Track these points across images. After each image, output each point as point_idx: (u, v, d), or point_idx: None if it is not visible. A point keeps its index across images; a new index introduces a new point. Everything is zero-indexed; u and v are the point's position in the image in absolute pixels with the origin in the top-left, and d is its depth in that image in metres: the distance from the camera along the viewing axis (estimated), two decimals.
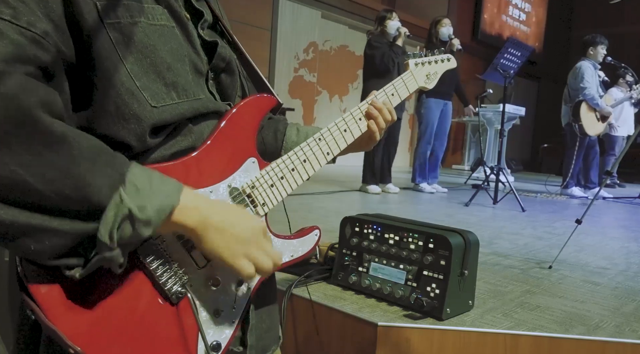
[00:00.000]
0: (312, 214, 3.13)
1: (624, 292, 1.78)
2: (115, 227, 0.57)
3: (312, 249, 0.87)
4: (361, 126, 0.94)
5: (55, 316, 0.60)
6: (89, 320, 0.62)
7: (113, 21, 0.65)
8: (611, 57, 5.40)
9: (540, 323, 1.39)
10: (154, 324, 0.68)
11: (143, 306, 0.67)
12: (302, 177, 0.85)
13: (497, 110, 6.96)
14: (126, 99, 0.66)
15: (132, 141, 0.68)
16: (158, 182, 0.62)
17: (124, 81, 0.66)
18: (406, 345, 1.28)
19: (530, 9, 11.94)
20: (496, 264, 2.09)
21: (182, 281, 0.70)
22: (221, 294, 0.75)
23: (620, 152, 5.67)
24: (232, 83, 0.85)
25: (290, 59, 7.23)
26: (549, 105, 11.75)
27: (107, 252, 0.58)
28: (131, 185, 0.59)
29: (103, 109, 0.66)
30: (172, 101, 0.71)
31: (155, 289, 0.68)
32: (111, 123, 0.66)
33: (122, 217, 0.57)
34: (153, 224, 0.60)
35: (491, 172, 4.47)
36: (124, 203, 0.57)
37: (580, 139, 5.29)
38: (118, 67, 0.66)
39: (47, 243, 0.56)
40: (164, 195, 0.61)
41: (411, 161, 9.56)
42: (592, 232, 3.10)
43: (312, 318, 1.44)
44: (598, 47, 5.30)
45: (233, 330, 0.76)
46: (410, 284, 1.39)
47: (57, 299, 0.60)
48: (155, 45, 0.70)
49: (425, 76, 1.07)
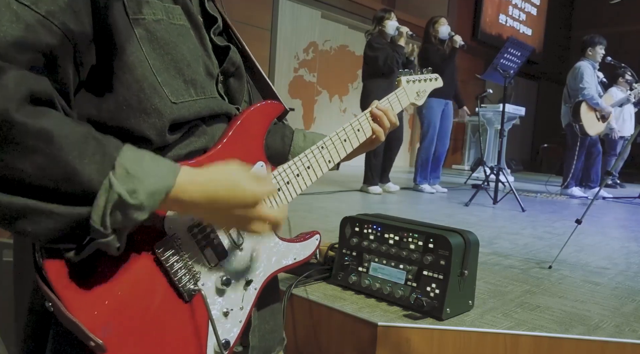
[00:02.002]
0: (312, 214, 3.12)
1: (624, 292, 1.78)
2: (107, 214, 0.57)
3: (313, 253, 0.91)
4: (359, 136, 1.00)
5: (76, 308, 0.60)
6: (107, 313, 0.63)
7: (138, 17, 0.67)
8: (611, 57, 5.40)
9: (540, 323, 1.39)
10: (168, 319, 0.69)
11: (158, 301, 0.68)
12: (306, 182, 0.89)
13: (497, 110, 6.96)
14: (149, 93, 0.67)
15: (152, 135, 0.69)
16: (150, 164, 0.60)
17: (147, 76, 0.67)
18: (406, 345, 1.28)
19: (530, 9, 11.94)
20: (496, 264, 2.09)
21: (196, 278, 0.71)
22: (231, 293, 0.77)
23: (621, 152, 5.69)
24: (239, 87, 0.88)
25: (290, 59, 7.23)
26: (549, 105, 11.75)
27: (101, 238, 0.58)
28: (121, 169, 0.58)
29: (126, 103, 0.67)
30: (190, 98, 0.73)
31: (170, 285, 0.69)
32: (132, 117, 0.67)
33: (113, 203, 0.57)
34: (147, 208, 0.59)
35: (491, 172, 4.47)
36: (114, 188, 0.57)
37: (581, 139, 5.29)
38: (142, 62, 0.67)
39: (43, 225, 0.56)
40: (158, 177, 0.60)
41: (411, 161, 9.59)
42: (592, 232, 3.10)
43: (312, 318, 1.44)
44: (597, 48, 5.30)
45: (240, 329, 0.78)
46: (410, 284, 1.39)
47: (77, 292, 0.61)
48: (176, 42, 0.72)
49: (415, 93, 1.14)
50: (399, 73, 1.12)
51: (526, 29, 11.85)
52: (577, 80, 5.25)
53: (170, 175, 0.61)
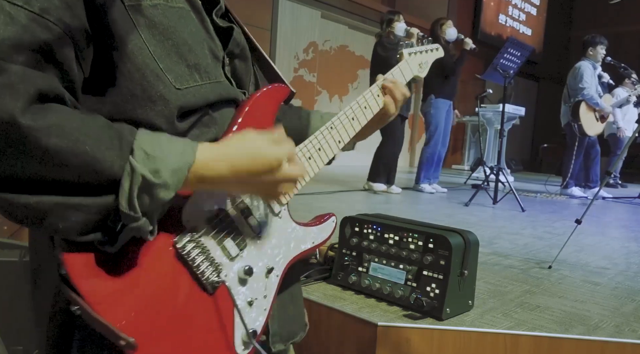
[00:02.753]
0: (312, 214, 3.11)
1: (624, 292, 1.78)
2: (134, 197, 0.57)
3: (331, 235, 0.92)
4: (367, 113, 0.98)
5: (103, 309, 0.60)
6: (134, 311, 0.63)
7: (134, 3, 0.65)
8: (611, 57, 5.40)
9: (540, 323, 1.39)
10: (194, 313, 0.69)
11: (182, 296, 0.68)
12: (319, 165, 0.89)
13: (497, 110, 6.96)
14: (152, 80, 0.66)
15: (162, 123, 0.68)
16: (168, 144, 0.61)
17: (148, 63, 0.66)
18: (406, 345, 1.28)
19: (530, 9, 11.93)
20: (496, 264, 2.09)
21: (218, 270, 0.71)
22: (253, 282, 0.76)
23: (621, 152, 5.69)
24: (246, 70, 0.87)
25: (290, 59, 7.23)
26: (549, 105, 11.74)
27: (133, 222, 0.59)
28: (140, 151, 0.58)
29: (130, 93, 0.65)
30: (195, 83, 0.71)
31: (193, 278, 0.69)
32: (138, 106, 0.66)
33: (138, 185, 0.57)
34: (172, 186, 0.60)
35: (491, 172, 4.47)
36: (136, 171, 0.57)
37: (580, 138, 5.28)
38: (142, 49, 0.65)
39: (73, 219, 0.56)
40: (178, 154, 0.61)
41: (411, 161, 9.58)
42: (592, 232, 3.10)
43: (312, 318, 1.44)
44: (597, 48, 5.30)
45: (265, 317, 0.78)
46: (410, 284, 1.39)
47: (102, 293, 0.61)
48: (176, 26, 0.70)
49: (418, 65, 1.11)
50: (400, 46, 1.09)
51: (526, 29, 11.85)
52: (577, 80, 5.25)
53: (189, 151, 0.62)
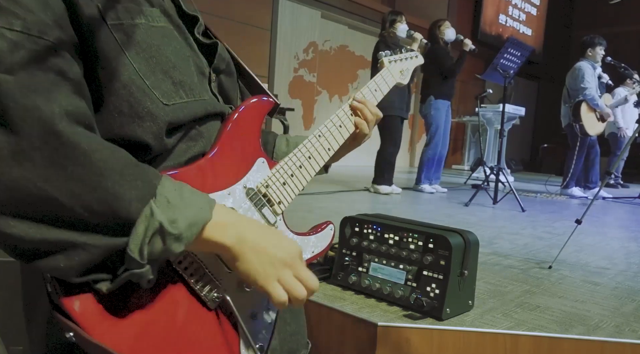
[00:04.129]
0: (312, 214, 3.12)
1: (624, 292, 1.78)
2: (145, 243, 0.56)
3: (330, 244, 0.89)
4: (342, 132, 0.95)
5: (101, 333, 0.57)
6: (134, 333, 0.60)
7: (115, 22, 0.65)
8: (611, 57, 5.39)
9: (540, 323, 1.39)
10: (195, 331, 0.66)
11: (182, 314, 0.65)
12: (310, 173, 0.87)
13: (497, 110, 6.96)
14: (139, 97, 0.65)
15: (149, 140, 0.66)
16: (189, 195, 0.60)
17: (134, 79, 0.65)
18: (406, 345, 1.28)
19: (530, 9, 11.93)
20: (496, 264, 2.09)
21: (217, 285, 0.69)
22: (255, 295, 0.74)
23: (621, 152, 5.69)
24: (232, 85, 0.86)
25: (290, 59, 7.23)
26: (549, 105, 11.74)
27: (137, 268, 0.57)
28: (162, 198, 0.57)
29: (117, 110, 0.64)
30: (181, 100, 0.70)
31: (191, 295, 0.67)
32: (126, 123, 0.64)
33: (152, 232, 0.56)
34: (185, 239, 0.58)
35: (491, 172, 4.46)
36: (155, 217, 0.56)
37: (581, 139, 5.28)
38: (127, 66, 0.64)
39: (77, 259, 0.54)
40: (197, 208, 0.59)
41: (411, 161, 9.58)
42: (592, 232, 3.10)
43: (312, 318, 1.44)
44: (597, 48, 5.30)
45: (271, 332, 0.75)
46: (410, 284, 1.39)
47: (97, 316, 0.58)
48: (159, 45, 0.69)
49: (399, 73, 1.10)
50: (378, 55, 1.09)
51: (526, 29, 11.84)
52: (577, 80, 5.25)
53: (207, 208, 0.61)
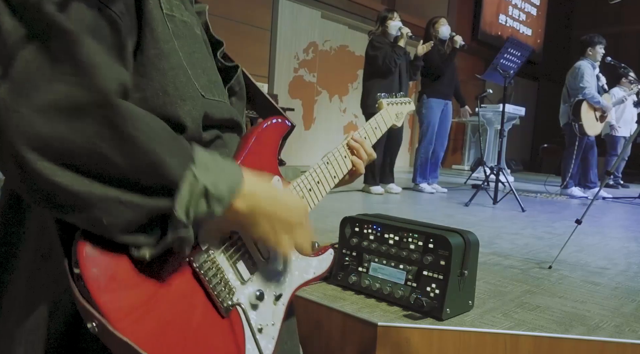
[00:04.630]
0: (312, 214, 3.11)
1: (624, 292, 1.78)
2: (191, 204, 0.58)
3: (330, 268, 0.92)
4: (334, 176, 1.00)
5: (124, 328, 0.57)
6: (153, 330, 0.61)
7: (169, 13, 0.69)
8: (611, 57, 5.39)
9: (540, 323, 1.39)
10: (208, 336, 0.68)
11: (198, 316, 0.67)
12: (317, 197, 0.92)
13: (497, 110, 6.96)
14: (184, 81, 0.69)
15: (188, 122, 0.69)
16: (222, 163, 0.64)
17: (181, 65, 0.69)
18: (406, 345, 1.28)
19: (530, 9, 11.93)
20: (496, 264, 2.09)
21: (232, 292, 0.70)
22: (263, 308, 0.75)
23: (621, 152, 5.69)
24: (240, 108, 0.90)
25: (290, 59, 7.22)
26: (549, 105, 11.72)
27: (183, 229, 0.59)
28: (201, 164, 0.60)
29: (162, 90, 0.67)
30: (213, 97, 0.74)
31: (208, 299, 0.68)
32: (169, 103, 0.67)
33: (198, 194, 0.59)
34: (225, 201, 0.62)
35: (491, 172, 4.46)
36: (199, 180, 0.59)
37: (579, 138, 5.28)
38: (176, 51, 0.68)
39: (121, 216, 0.55)
40: (232, 173, 0.64)
41: (411, 161, 9.58)
42: (592, 232, 3.10)
43: (312, 318, 1.44)
44: (597, 47, 5.29)
45: (274, 346, 0.76)
46: (410, 284, 1.39)
47: (123, 312, 0.58)
48: (196, 45, 0.74)
49: (395, 115, 1.18)
50: (378, 96, 1.16)
51: (526, 29, 11.84)
52: (577, 80, 5.25)
53: (239, 175, 0.65)
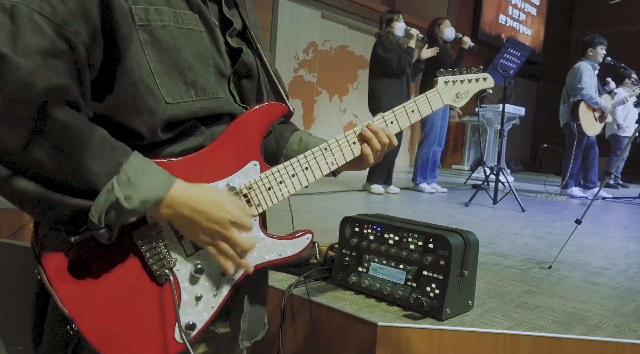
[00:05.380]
0: (312, 214, 3.12)
1: (624, 292, 1.78)
2: (103, 212, 0.67)
3: (301, 252, 0.90)
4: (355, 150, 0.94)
5: (56, 282, 0.72)
6: (82, 289, 0.73)
7: (144, 24, 0.74)
8: (611, 57, 5.39)
9: (540, 323, 1.39)
10: (140, 298, 0.77)
11: (132, 283, 0.76)
12: (302, 183, 0.89)
13: (496, 110, 6.96)
14: (143, 94, 0.74)
15: (144, 131, 0.75)
16: (151, 175, 0.70)
17: (144, 78, 0.74)
18: (406, 345, 1.28)
19: (530, 9, 11.93)
20: (496, 264, 2.09)
21: (170, 265, 0.78)
22: (204, 281, 0.81)
23: (621, 152, 5.69)
24: (251, 88, 0.92)
25: (290, 59, 7.23)
26: (549, 105, 11.73)
27: (95, 230, 0.68)
28: (124, 175, 0.68)
29: (123, 102, 0.73)
30: (189, 99, 0.78)
31: (144, 269, 0.77)
32: (127, 114, 0.74)
33: (110, 204, 0.67)
34: (138, 212, 0.70)
35: (491, 172, 4.47)
36: (114, 191, 0.67)
37: (579, 138, 5.28)
38: (141, 65, 0.73)
39: (49, 213, 0.67)
40: (153, 187, 0.70)
41: (411, 161, 9.58)
42: (592, 232, 3.10)
43: (312, 318, 1.44)
44: (597, 48, 5.29)
45: (211, 315, 0.82)
46: (410, 284, 1.39)
47: (60, 269, 0.72)
48: (180, 46, 0.77)
49: (454, 95, 1.04)
50: (438, 73, 1.02)
51: (526, 29, 11.84)
52: (575, 80, 5.25)
53: (164, 188, 0.71)
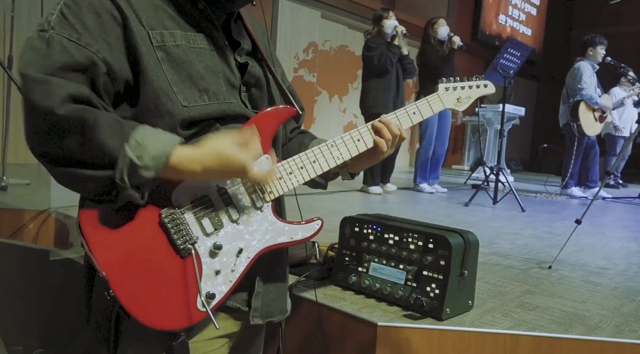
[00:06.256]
0: (312, 214, 3.11)
1: (624, 292, 1.78)
2: (124, 173, 0.80)
3: (312, 236, 1.02)
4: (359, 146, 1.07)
5: (95, 250, 0.86)
6: (117, 257, 0.86)
7: (160, 44, 0.90)
8: (611, 57, 5.39)
9: (540, 323, 1.39)
10: (166, 269, 0.89)
11: (159, 255, 0.89)
12: (310, 174, 1.03)
13: (496, 110, 6.96)
14: (163, 100, 0.89)
15: (166, 130, 0.88)
16: (157, 135, 0.83)
17: (162, 87, 0.89)
18: (406, 345, 1.28)
19: (529, 9, 11.94)
20: (496, 264, 2.09)
21: (192, 241, 0.90)
22: (223, 257, 0.93)
23: (621, 152, 5.69)
24: (261, 96, 1.07)
25: (290, 59, 7.23)
26: (549, 105, 11.72)
27: (124, 190, 0.81)
28: (133, 141, 0.81)
29: (146, 107, 0.89)
30: (203, 103, 0.93)
31: (169, 243, 0.90)
32: (150, 117, 0.89)
33: (126, 165, 0.80)
34: (152, 167, 0.81)
35: (491, 172, 4.47)
36: (127, 155, 0.80)
37: (579, 138, 5.28)
38: (160, 77, 0.89)
39: (87, 186, 0.82)
40: (160, 145, 0.82)
41: (411, 161, 9.58)
42: (592, 232, 3.10)
43: (312, 318, 1.44)
44: (597, 48, 5.29)
45: (229, 288, 0.94)
46: (410, 284, 1.39)
47: (99, 240, 0.86)
48: (192, 61, 0.93)
49: (455, 100, 1.15)
50: (440, 80, 1.11)
51: (526, 29, 11.85)
52: (575, 80, 5.25)
53: (169, 146, 0.83)
